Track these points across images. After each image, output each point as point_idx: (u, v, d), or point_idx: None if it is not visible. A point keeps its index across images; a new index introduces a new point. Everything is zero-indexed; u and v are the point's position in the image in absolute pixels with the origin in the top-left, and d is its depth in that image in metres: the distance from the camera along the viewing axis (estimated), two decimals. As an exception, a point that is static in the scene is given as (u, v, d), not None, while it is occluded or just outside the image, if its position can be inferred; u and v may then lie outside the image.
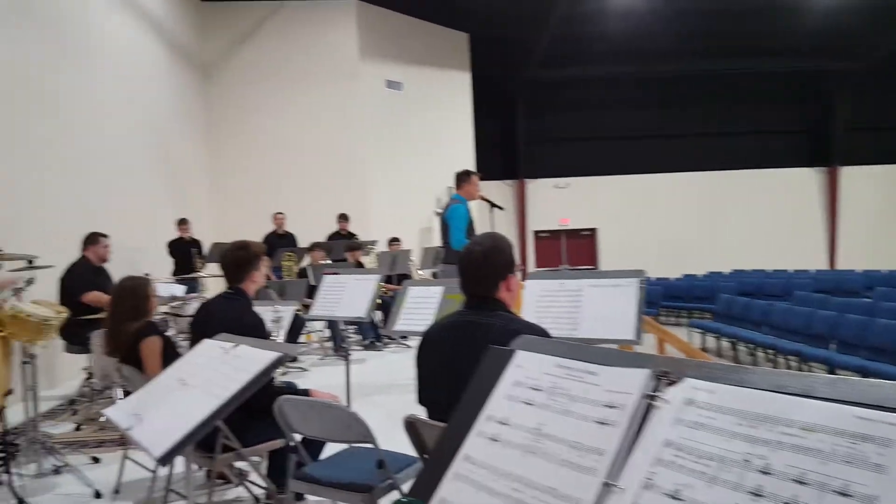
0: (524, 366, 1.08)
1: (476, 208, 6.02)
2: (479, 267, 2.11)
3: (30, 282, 4.30)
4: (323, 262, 8.35)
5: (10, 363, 3.64)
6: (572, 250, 18.18)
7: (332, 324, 7.72)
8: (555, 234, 18.24)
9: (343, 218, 10.39)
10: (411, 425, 2.07)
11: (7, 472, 3.47)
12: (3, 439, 3.58)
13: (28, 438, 3.87)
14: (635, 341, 2.64)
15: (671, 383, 0.93)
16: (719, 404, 0.88)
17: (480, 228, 4.34)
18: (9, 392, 3.56)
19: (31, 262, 4.45)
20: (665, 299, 12.18)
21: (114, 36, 8.39)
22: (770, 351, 7.24)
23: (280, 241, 9.54)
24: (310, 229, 10.26)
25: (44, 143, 6.58)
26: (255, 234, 8.04)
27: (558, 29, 13.40)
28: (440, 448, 1.03)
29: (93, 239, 5.56)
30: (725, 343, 8.60)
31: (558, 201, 17.88)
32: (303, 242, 9.82)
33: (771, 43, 15.54)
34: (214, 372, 2.00)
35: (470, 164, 13.55)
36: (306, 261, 8.79)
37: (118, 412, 2.09)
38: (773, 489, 0.78)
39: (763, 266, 15.67)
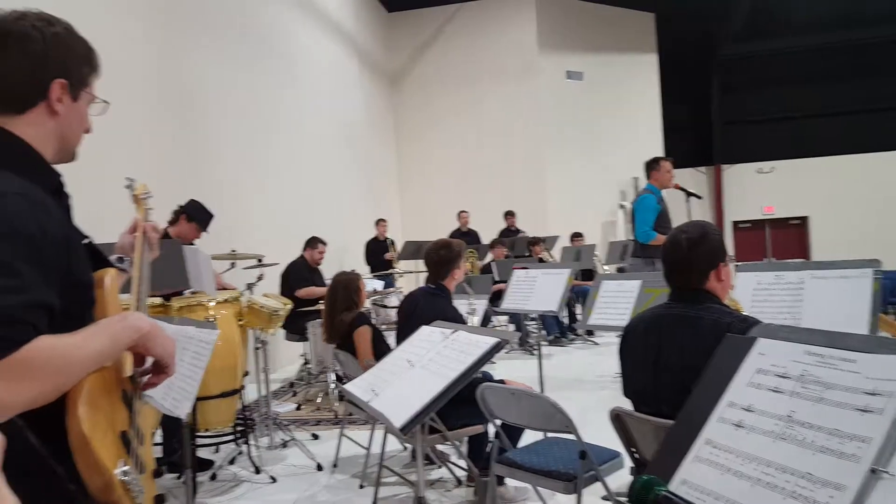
0: (768, 353, 1.05)
1: (670, 199, 5.70)
2: (686, 256, 2.01)
3: (260, 278, 4.94)
4: (505, 257, 8.49)
5: (246, 348, 4.18)
6: (778, 242, 16.46)
7: (516, 318, 7.82)
8: (757, 225, 16.61)
9: (510, 214, 10.49)
10: (618, 417, 2.05)
11: (246, 443, 4.01)
12: (242, 415, 4.13)
13: (261, 415, 4.43)
14: (869, 338, 2.36)
15: (948, 372, 0.86)
16: None
17: (676, 220, 4.12)
18: (246, 373, 4.09)
19: (260, 260, 5.10)
20: (893, 295, 10.63)
21: (313, 53, 9.23)
22: None
23: (464, 239, 9.81)
24: (492, 226, 10.49)
25: (266, 157, 7.46)
26: (441, 232, 8.39)
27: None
28: (677, 433, 1.03)
29: (312, 243, 6.23)
30: (977, 345, 7.33)
31: (761, 187, 16.22)
32: (485, 239, 10.07)
33: None
34: (437, 354, 2.18)
35: (658, 152, 12.91)
36: (489, 257, 8.99)
37: (356, 388, 2.34)
38: None
39: None
